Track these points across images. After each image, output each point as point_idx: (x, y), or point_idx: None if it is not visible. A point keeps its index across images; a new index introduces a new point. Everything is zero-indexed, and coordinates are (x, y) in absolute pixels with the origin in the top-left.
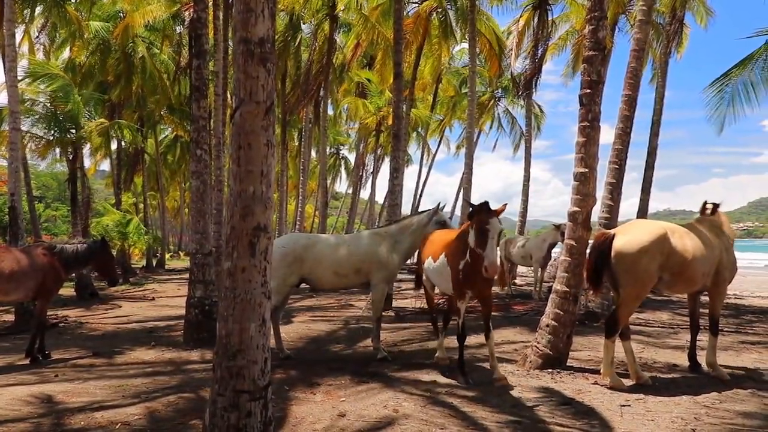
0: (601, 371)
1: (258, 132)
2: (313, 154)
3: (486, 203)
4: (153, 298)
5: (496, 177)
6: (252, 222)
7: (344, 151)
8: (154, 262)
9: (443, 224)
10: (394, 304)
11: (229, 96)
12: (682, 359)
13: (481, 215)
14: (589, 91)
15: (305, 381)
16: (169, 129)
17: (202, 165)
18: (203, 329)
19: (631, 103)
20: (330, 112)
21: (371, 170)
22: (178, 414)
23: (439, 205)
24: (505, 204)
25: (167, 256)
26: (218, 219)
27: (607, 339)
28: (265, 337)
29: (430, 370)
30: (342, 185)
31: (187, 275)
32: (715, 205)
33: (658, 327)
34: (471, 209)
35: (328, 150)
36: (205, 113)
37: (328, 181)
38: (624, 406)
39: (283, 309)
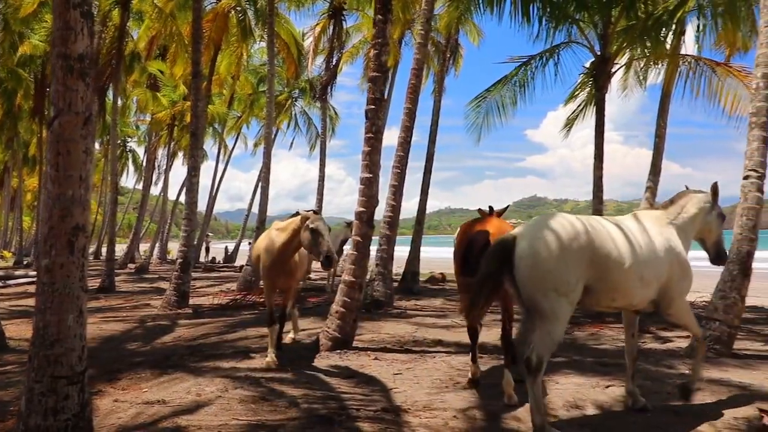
0: None
1: (77, 140)
2: (97, 146)
3: None
4: None
5: (292, 175)
6: (71, 222)
7: (132, 144)
8: None
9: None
10: (191, 301)
11: None
12: (447, 336)
13: None
14: (373, 107)
15: (105, 377)
16: None
17: None
18: None
19: (411, 115)
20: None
21: (164, 166)
22: None
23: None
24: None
25: None
26: None
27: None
28: (82, 327)
29: (229, 359)
30: (129, 180)
31: None
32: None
33: (431, 311)
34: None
35: None
36: None
37: None
38: (396, 374)
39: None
